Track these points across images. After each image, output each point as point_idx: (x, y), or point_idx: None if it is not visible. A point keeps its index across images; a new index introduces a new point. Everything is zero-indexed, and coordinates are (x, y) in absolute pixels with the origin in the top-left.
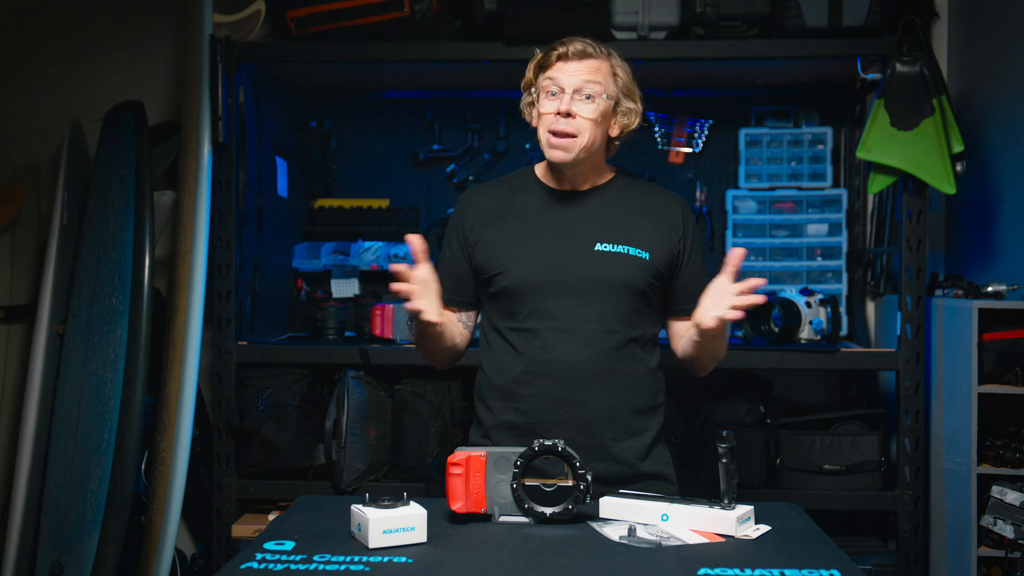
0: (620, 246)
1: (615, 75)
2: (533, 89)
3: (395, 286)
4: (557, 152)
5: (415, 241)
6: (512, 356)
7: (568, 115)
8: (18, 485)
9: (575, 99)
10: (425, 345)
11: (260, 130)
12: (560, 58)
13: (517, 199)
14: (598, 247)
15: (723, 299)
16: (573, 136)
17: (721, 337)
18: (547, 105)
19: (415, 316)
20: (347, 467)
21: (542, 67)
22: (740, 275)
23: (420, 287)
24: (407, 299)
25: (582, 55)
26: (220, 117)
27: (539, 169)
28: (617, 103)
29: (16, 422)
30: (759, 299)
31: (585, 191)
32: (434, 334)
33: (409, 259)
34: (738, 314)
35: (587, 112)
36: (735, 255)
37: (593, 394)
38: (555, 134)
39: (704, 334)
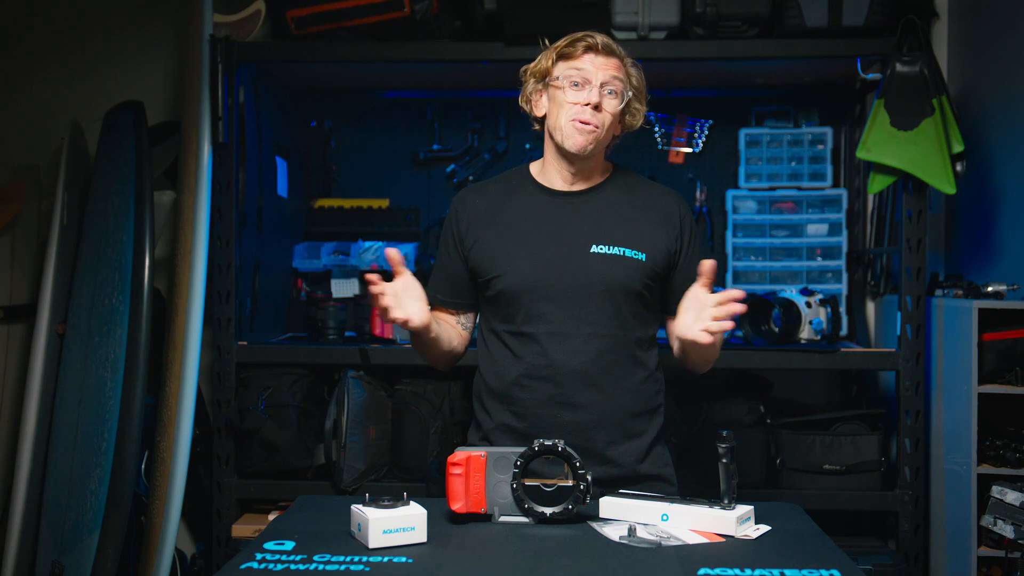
0: (616, 248)
1: (629, 75)
2: (549, 78)
3: (375, 301)
4: (581, 139)
5: (392, 255)
6: (509, 359)
7: (596, 107)
8: (18, 485)
9: (603, 95)
10: (421, 349)
11: (260, 130)
12: (589, 49)
13: (513, 200)
14: (594, 249)
15: (703, 312)
16: (597, 127)
17: (713, 344)
18: (574, 95)
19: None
20: (347, 467)
21: (564, 57)
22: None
23: (393, 298)
24: (386, 314)
25: (609, 51)
26: (220, 117)
27: (534, 168)
28: (628, 103)
29: (16, 422)
30: (740, 308)
31: (581, 191)
32: (428, 340)
33: (409, 259)
34: (724, 325)
35: (611, 107)
36: (707, 266)
37: (591, 397)
38: (581, 122)
39: (695, 345)
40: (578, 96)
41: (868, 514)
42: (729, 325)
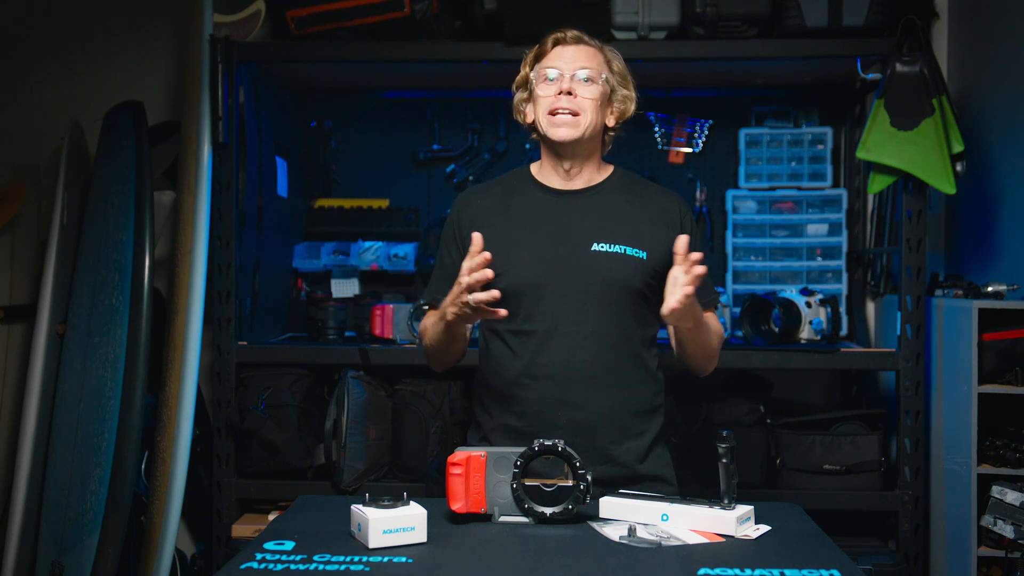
0: (617, 246)
1: (608, 62)
2: (529, 83)
3: (472, 283)
4: (562, 129)
5: (478, 240)
6: (509, 359)
7: (569, 93)
8: (18, 485)
9: (575, 81)
10: (443, 346)
11: (260, 130)
12: (557, 43)
13: (513, 200)
14: (595, 247)
15: (676, 286)
16: (576, 114)
17: (702, 328)
18: (546, 89)
19: (473, 310)
20: (347, 467)
21: (538, 58)
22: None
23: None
24: (477, 291)
25: (578, 40)
26: (220, 117)
27: (535, 168)
28: (613, 90)
29: (16, 422)
30: (701, 269)
31: (582, 190)
32: (459, 334)
33: (409, 259)
34: (689, 290)
35: (587, 93)
36: (679, 243)
37: (591, 396)
38: (558, 111)
39: (680, 329)
40: (550, 88)
41: (868, 514)
42: (689, 291)
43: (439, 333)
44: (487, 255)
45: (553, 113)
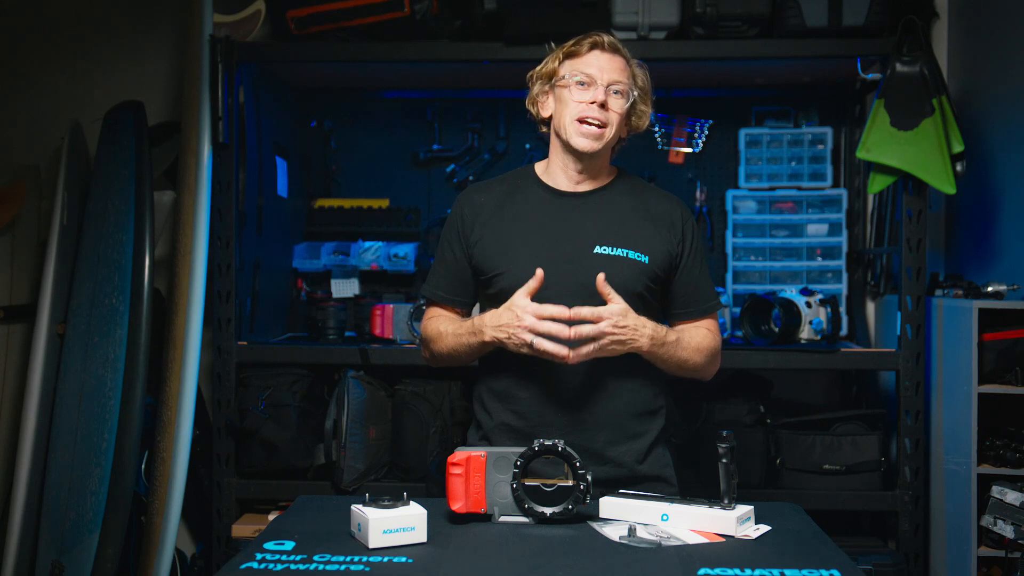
0: (619, 249)
1: (634, 76)
2: (555, 79)
3: (545, 345)
4: (586, 140)
5: (540, 276)
6: (509, 358)
7: (603, 106)
8: (18, 485)
9: (608, 93)
10: (465, 359)
11: (260, 130)
12: (595, 46)
13: (517, 199)
14: (597, 250)
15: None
16: (604, 126)
17: (665, 347)
18: (579, 94)
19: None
20: (347, 467)
21: (570, 56)
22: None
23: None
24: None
25: (614, 49)
26: (220, 117)
27: (539, 168)
28: (634, 105)
29: (16, 422)
30: (608, 334)
31: (586, 192)
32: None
33: (409, 259)
34: (584, 352)
35: (617, 107)
36: (599, 283)
37: (591, 397)
38: (587, 121)
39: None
40: (584, 95)
41: (868, 514)
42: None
43: (470, 348)
44: (552, 309)
45: (582, 121)
